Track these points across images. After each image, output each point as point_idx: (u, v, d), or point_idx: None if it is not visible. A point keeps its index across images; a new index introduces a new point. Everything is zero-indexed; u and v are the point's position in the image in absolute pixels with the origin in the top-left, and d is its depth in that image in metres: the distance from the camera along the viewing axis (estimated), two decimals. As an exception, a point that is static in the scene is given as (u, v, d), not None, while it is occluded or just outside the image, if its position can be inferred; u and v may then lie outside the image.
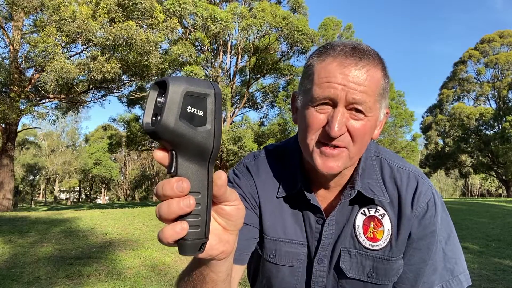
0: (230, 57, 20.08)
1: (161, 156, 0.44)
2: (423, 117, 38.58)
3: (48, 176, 46.49)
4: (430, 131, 36.28)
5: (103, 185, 49.26)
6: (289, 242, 0.91)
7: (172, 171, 0.44)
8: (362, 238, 0.88)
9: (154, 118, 0.43)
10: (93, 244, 6.61)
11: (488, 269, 5.44)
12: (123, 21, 13.75)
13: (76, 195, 52.61)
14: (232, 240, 0.53)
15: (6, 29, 15.59)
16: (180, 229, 0.44)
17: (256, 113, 46.28)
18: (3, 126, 15.55)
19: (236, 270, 0.86)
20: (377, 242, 0.87)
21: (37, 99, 16.31)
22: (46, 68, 12.96)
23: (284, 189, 0.92)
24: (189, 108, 0.42)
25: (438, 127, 34.92)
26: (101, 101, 19.09)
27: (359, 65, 0.77)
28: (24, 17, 15.81)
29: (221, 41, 18.66)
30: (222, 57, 19.62)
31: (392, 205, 0.87)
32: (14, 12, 14.67)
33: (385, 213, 0.87)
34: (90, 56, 14.46)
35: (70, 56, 15.27)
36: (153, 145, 20.62)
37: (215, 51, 19.44)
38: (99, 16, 13.41)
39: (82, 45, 14.82)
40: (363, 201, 0.88)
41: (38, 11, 14.46)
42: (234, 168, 0.99)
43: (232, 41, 19.52)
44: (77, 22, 12.73)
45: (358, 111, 0.77)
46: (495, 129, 32.46)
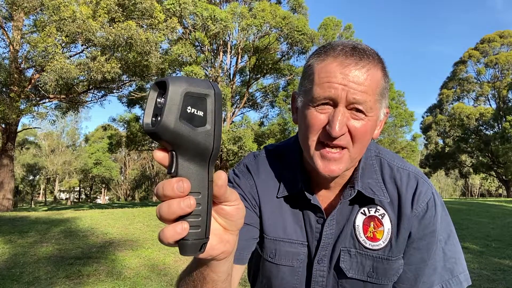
0: (230, 57, 20.07)
1: (161, 157, 0.45)
2: (423, 117, 38.62)
3: (48, 176, 46.49)
4: (430, 131, 36.28)
5: (103, 185, 49.27)
6: (289, 242, 0.91)
7: (172, 172, 0.44)
8: (362, 238, 0.88)
9: (154, 119, 0.43)
10: (93, 244, 6.61)
11: (488, 269, 5.44)
12: (123, 21, 13.74)
13: (76, 195, 52.59)
14: (233, 240, 0.53)
15: (6, 29, 15.57)
16: (181, 230, 0.44)
17: (256, 113, 46.35)
18: (3, 126, 15.54)
19: (236, 270, 0.86)
20: (377, 242, 0.87)
21: (37, 99, 16.30)
22: (46, 68, 12.95)
23: (285, 189, 0.92)
24: (189, 109, 0.42)
25: (438, 127, 34.93)
26: (101, 101, 19.07)
27: (359, 65, 0.77)
28: (24, 17, 15.79)
29: (221, 41, 18.66)
30: (222, 57, 19.61)
31: (392, 205, 0.88)
32: (14, 12, 14.66)
33: (385, 213, 0.88)
34: (90, 56, 14.45)
35: (70, 56, 15.26)
36: (153, 145, 20.60)
37: (215, 51, 19.42)
38: (99, 16, 13.41)
39: (82, 45, 14.81)
40: (363, 201, 0.88)
41: (38, 11, 14.45)
42: (234, 168, 0.99)
43: (232, 41, 19.53)
44: (77, 22, 12.72)
45: (359, 111, 0.78)
46: (495, 129, 32.48)
